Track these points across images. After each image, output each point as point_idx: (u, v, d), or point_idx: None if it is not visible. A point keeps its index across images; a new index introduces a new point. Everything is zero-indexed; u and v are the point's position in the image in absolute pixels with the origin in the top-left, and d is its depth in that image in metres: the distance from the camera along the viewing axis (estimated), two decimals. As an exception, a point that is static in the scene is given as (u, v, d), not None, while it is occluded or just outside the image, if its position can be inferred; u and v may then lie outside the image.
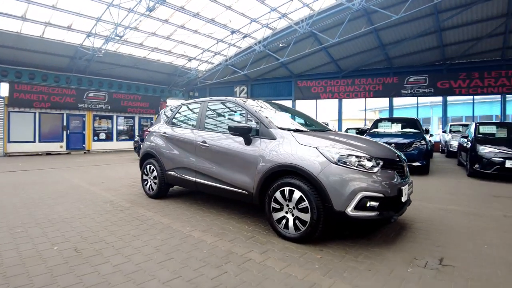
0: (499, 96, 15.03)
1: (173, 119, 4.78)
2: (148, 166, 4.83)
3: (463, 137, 8.15)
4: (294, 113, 4.57)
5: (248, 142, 3.43)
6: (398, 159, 3.19)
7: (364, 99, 18.99)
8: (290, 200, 3.01)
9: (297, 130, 3.41)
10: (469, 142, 7.43)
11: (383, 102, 20.14)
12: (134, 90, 18.39)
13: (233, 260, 2.59)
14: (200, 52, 16.67)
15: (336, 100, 19.48)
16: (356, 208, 2.74)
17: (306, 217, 2.90)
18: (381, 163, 2.94)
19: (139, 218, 3.74)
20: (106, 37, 12.89)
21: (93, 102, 16.29)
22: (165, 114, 5.07)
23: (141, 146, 5.23)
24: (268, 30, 14.61)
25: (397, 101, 18.65)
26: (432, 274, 2.39)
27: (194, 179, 4.06)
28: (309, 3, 12.79)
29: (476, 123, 8.06)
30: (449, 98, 16.78)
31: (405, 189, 3.09)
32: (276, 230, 3.14)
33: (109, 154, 14.64)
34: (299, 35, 13.73)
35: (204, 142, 3.94)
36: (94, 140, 16.49)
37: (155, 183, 4.70)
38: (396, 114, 18.98)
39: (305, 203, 2.89)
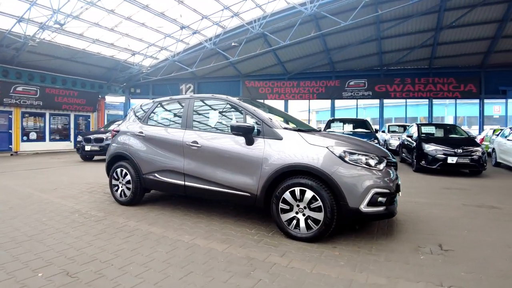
0: (427, 100, 17.34)
1: (149, 118, 4.35)
2: (119, 170, 4.30)
3: (408, 136, 9.16)
4: (279, 114, 4.54)
5: (250, 142, 3.29)
6: (391, 157, 3.41)
7: (308, 100, 20.08)
8: (301, 200, 2.98)
9: (300, 130, 3.39)
10: (414, 141, 8.38)
11: (322, 103, 21.35)
12: (69, 85, 16.29)
13: (258, 266, 2.44)
14: (145, 46, 15.58)
15: (283, 101, 20.19)
16: (369, 204, 2.85)
17: (319, 216, 2.90)
18: (385, 160, 3.11)
19: (123, 229, 3.29)
20: (41, 23, 11.14)
21: (21, 97, 14.03)
22: (136, 112, 4.59)
23: (109, 147, 4.64)
24: (220, 28, 14.39)
25: (336, 103, 19.88)
26: (441, 259, 2.61)
27: (182, 182, 3.73)
28: (262, 4, 12.97)
29: (417, 124, 9.14)
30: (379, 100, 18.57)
31: (400, 184, 3.32)
32: (285, 231, 3.08)
33: (43, 156, 12.70)
34: (251, 35, 13.82)
35: (195, 142, 3.64)
36: (23, 141, 14.23)
37: (128, 188, 4.20)
38: (336, 115, 20.17)
39: (318, 203, 2.90)
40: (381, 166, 3.03)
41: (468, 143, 7.64)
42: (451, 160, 7.15)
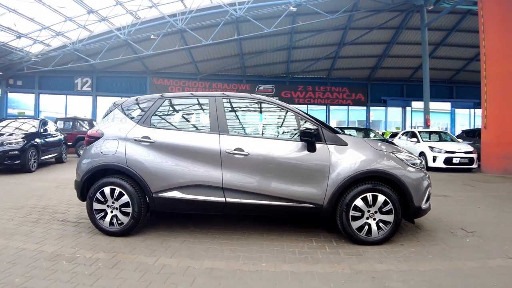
0: (325, 106, 20.01)
1: (153, 118, 3.38)
2: (107, 189, 3.12)
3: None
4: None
5: (313, 148, 3.01)
6: None
7: (221, 102, 20.02)
8: (373, 205, 2.95)
9: (350, 135, 3.34)
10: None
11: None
12: None
13: (377, 277, 2.32)
14: (37, 28, 12.07)
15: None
16: (426, 201, 3.13)
17: (390, 218, 2.95)
18: (423, 161, 3.43)
19: (164, 272, 2.41)
20: None
21: None
22: (126, 109, 3.45)
23: (82, 159, 3.35)
24: (134, 17, 12.64)
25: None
26: (477, 241, 3.11)
27: (221, 199, 3.04)
28: (186, -2, 12.17)
29: (341, 128, 10.45)
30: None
31: None
32: (357, 238, 2.96)
33: None
34: (171, 30, 12.72)
35: (239, 149, 3.06)
36: None
37: (125, 213, 3.12)
38: None
39: (389, 206, 2.94)
40: (423, 167, 3.35)
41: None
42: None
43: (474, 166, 8.59)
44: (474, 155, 8.41)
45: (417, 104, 17.68)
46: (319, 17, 12.75)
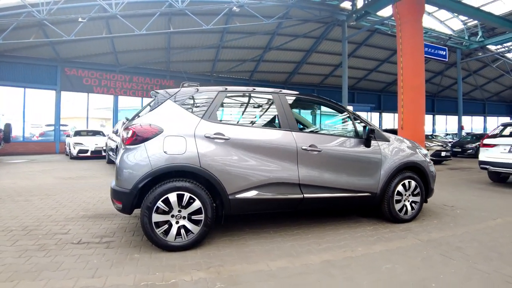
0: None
1: (218, 114, 3.16)
2: (172, 196, 2.74)
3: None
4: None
5: (369, 144, 3.48)
6: None
7: (141, 98, 18.50)
8: (409, 189, 3.64)
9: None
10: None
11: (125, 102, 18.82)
12: None
13: (442, 242, 2.92)
14: None
15: (112, 96, 17.42)
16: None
17: (418, 199, 3.71)
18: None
19: (279, 276, 2.46)
20: None
21: None
22: (183, 103, 3.05)
23: (128, 160, 2.84)
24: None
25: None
26: (464, 212, 4.17)
27: (299, 195, 3.14)
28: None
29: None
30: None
31: None
32: (398, 218, 3.56)
33: None
34: (105, 14, 11.08)
35: (314, 146, 3.23)
36: None
37: (195, 221, 2.81)
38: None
39: (418, 189, 3.69)
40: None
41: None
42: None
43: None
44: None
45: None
46: (255, 20, 13.33)
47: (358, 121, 3.62)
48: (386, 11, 13.18)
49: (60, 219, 3.72)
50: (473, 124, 29.23)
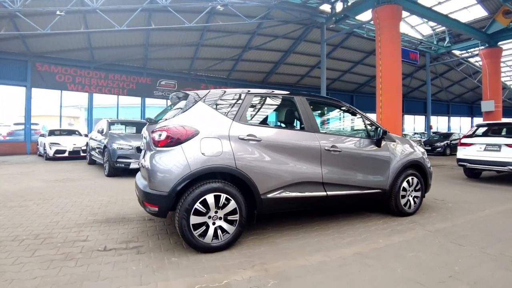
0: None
1: (246, 115, 3.22)
2: (210, 198, 2.79)
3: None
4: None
5: (380, 144, 3.79)
6: None
7: (117, 96, 17.83)
8: (412, 185, 4.02)
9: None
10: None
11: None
12: None
13: (449, 231, 3.30)
14: None
15: (86, 94, 16.61)
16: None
17: (419, 194, 4.10)
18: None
19: (340, 265, 2.68)
20: None
21: None
22: (213, 104, 3.09)
23: (167, 163, 2.87)
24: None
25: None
26: (454, 205, 4.66)
27: (323, 193, 3.34)
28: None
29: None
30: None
31: None
32: (403, 212, 3.92)
33: None
34: (84, 8, 10.53)
35: (335, 146, 3.46)
36: None
37: (230, 221, 2.89)
38: (107, 113, 17.37)
39: (419, 184, 4.10)
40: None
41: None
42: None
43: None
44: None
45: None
46: (236, 19, 13.39)
47: (369, 123, 3.93)
48: (365, 16, 13.89)
49: (70, 225, 3.59)
50: (438, 123, 31.50)
